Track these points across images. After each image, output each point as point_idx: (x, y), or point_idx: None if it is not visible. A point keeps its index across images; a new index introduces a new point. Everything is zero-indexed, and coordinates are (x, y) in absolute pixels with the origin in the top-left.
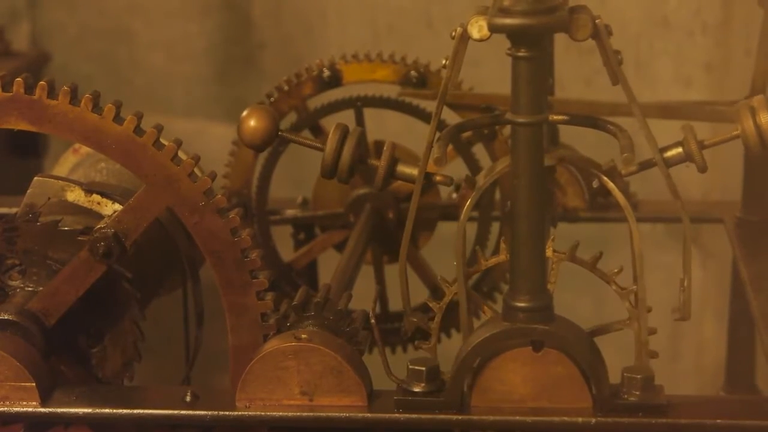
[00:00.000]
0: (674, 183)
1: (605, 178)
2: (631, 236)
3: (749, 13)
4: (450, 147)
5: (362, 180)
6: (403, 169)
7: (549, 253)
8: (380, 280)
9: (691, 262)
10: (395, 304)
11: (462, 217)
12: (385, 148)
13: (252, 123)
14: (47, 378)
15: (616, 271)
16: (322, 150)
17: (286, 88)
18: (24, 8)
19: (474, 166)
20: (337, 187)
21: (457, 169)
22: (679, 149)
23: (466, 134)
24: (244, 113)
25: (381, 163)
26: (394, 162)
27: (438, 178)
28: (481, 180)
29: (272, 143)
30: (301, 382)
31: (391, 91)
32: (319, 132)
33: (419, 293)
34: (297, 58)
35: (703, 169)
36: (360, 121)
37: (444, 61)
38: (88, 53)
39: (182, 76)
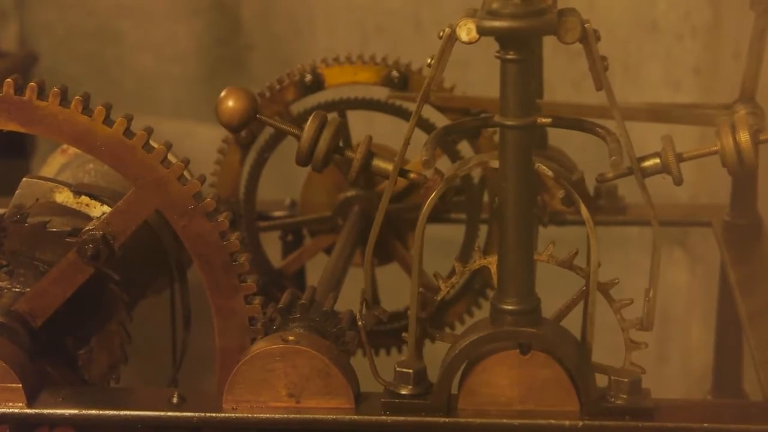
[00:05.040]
0: (649, 194)
1: (570, 189)
2: (588, 249)
3: (738, 17)
4: None
5: (348, 183)
6: (379, 163)
7: (544, 257)
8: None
9: (658, 273)
10: (387, 305)
11: (424, 208)
12: (361, 141)
13: (230, 103)
14: (33, 379)
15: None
16: (299, 137)
17: (268, 94)
18: (12, 8)
19: None
20: (324, 190)
21: (443, 167)
22: (657, 160)
23: None
24: (222, 94)
25: (356, 156)
26: (369, 155)
27: (412, 175)
28: (450, 172)
29: (249, 124)
30: (288, 384)
31: (375, 93)
32: None
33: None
34: (286, 59)
35: (678, 182)
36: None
37: (429, 60)
38: (76, 54)
39: (170, 78)
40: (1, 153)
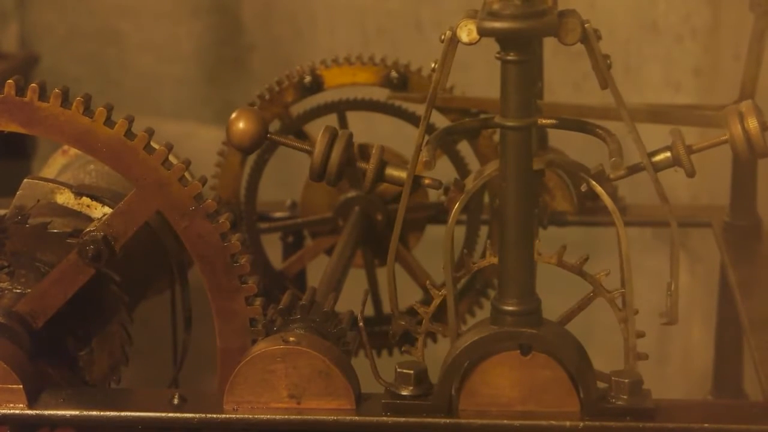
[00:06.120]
0: (662, 187)
1: (594, 183)
2: (618, 240)
3: (738, 18)
4: None
5: (349, 183)
6: (392, 172)
7: (554, 261)
8: (372, 283)
9: (678, 266)
10: (389, 306)
11: (450, 220)
12: (373, 151)
13: (241, 125)
14: (34, 380)
15: (604, 274)
16: (311, 153)
17: (267, 96)
18: (12, 9)
19: (459, 164)
20: (325, 191)
21: (443, 166)
22: (668, 154)
23: None
24: (233, 115)
25: (369, 167)
26: (382, 165)
27: (426, 181)
28: (470, 183)
29: (261, 145)
30: (288, 385)
31: (374, 94)
32: (303, 138)
33: (413, 294)
34: (286, 60)
35: (691, 173)
36: (343, 124)
37: (433, 65)
38: (76, 55)
39: (171, 78)
40: (2, 154)
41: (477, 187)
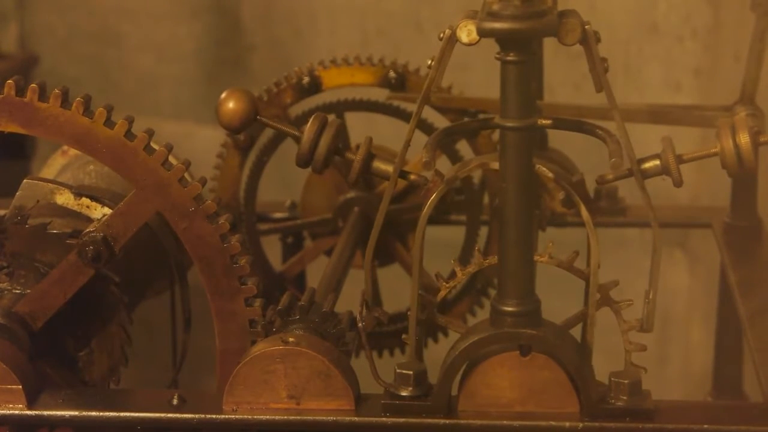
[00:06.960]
0: (648, 196)
1: (571, 191)
2: (588, 250)
3: (738, 19)
4: None
5: (348, 184)
6: (379, 165)
7: (545, 258)
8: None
9: (658, 274)
10: (389, 307)
11: (425, 210)
12: (362, 143)
13: (231, 105)
14: (33, 381)
15: (613, 284)
16: (299, 138)
17: (266, 97)
18: (12, 10)
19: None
20: (324, 192)
21: (443, 167)
22: (657, 162)
23: None
24: (223, 95)
25: (356, 157)
26: (370, 157)
27: (412, 177)
28: (450, 174)
29: (250, 126)
30: (288, 386)
31: (374, 94)
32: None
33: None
34: (286, 60)
35: (678, 183)
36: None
37: (429, 62)
38: (76, 55)
39: (171, 79)
40: (2, 154)
41: (458, 179)
